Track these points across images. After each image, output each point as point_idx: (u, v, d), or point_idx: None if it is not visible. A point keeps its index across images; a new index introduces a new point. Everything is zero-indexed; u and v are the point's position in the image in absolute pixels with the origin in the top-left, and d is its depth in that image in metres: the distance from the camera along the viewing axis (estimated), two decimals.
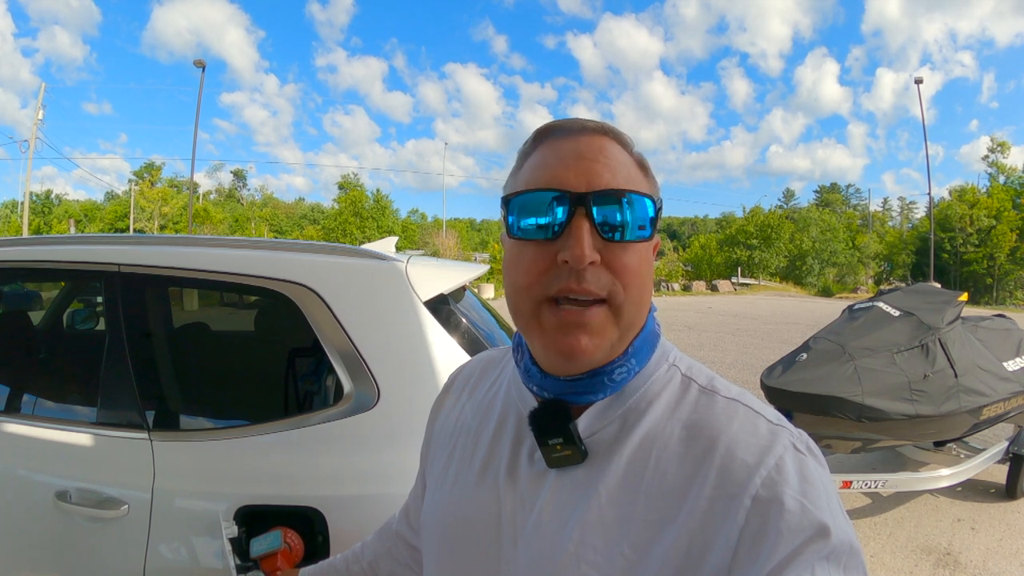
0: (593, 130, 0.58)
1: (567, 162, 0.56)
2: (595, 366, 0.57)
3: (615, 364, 0.58)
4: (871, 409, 3.13)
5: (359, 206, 43.09)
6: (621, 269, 0.54)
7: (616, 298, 0.54)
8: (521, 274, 0.56)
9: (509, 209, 0.57)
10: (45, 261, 1.75)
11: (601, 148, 0.57)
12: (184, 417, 1.66)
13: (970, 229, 35.90)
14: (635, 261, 0.55)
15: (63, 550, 1.48)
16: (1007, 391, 3.56)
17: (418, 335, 1.48)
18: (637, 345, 0.59)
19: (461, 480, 0.67)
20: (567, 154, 0.56)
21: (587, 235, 0.53)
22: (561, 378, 0.58)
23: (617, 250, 0.54)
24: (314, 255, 1.59)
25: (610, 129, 0.59)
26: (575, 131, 0.58)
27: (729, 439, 0.53)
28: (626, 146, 0.59)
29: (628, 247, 0.55)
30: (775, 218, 41.97)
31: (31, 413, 1.76)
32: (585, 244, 0.52)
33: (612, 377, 0.58)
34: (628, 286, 0.55)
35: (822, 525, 0.47)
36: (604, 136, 0.58)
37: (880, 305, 3.81)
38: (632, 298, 0.55)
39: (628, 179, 0.56)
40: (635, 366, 0.59)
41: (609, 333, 0.55)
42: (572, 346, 0.54)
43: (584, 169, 0.55)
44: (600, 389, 0.58)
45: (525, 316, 0.57)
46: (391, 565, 0.88)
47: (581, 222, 0.53)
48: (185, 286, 2.05)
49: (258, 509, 1.36)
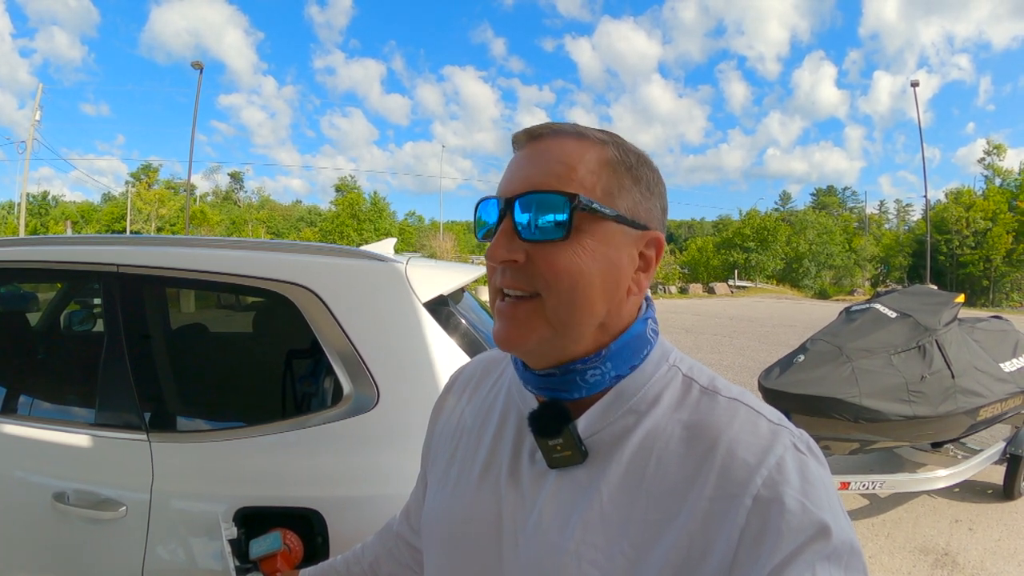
0: (541, 135, 0.60)
1: (510, 170, 0.61)
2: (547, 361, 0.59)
3: (587, 365, 0.58)
4: (869, 410, 3.14)
5: (356, 208, 43.13)
6: (545, 268, 0.56)
7: (544, 295, 0.56)
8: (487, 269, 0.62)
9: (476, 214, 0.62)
10: (43, 261, 1.74)
11: (545, 150, 0.58)
12: (183, 418, 1.65)
13: (966, 231, 36.04)
14: (563, 261, 0.55)
15: (61, 552, 1.48)
16: (1004, 392, 3.57)
17: (418, 336, 1.49)
18: (614, 349, 0.59)
19: (463, 481, 0.67)
20: (513, 163, 0.61)
21: (503, 236, 0.57)
22: (536, 373, 0.60)
23: (539, 250, 0.56)
24: (313, 256, 1.59)
25: (569, 128, 0.60)
26: (529, 139, 0.61)
27: (730, 439, 0.53)
28: (590, 141, 0.59)
29: (547, 246, 0.56)
30: (772, 221, 42.10)
31: (29, 414, 1.75)
32: (497, 244, 0.57)
33: (584, 378, 0.58)
34: (552, 284, 0.56)
35: (823, 525, 0.47)
36: (557, 137, 0.59)
37: (877, 307, 3.82)
38: (559, 297, 0.56)
39: (562, 179, 0.56)
40: (610, 370, 0.59)
41: (536, 327, 0.57)
42: (500, 332, 0.59)
43: (519, 175, 0.58)
44: (575, 388, 0.59)
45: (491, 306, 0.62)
46: (392, 566, 0.88)
47: (504, 225, 0.57)
48: (184, 287, 2.04)
49: (257, 510, 1.36)
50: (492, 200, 0.60)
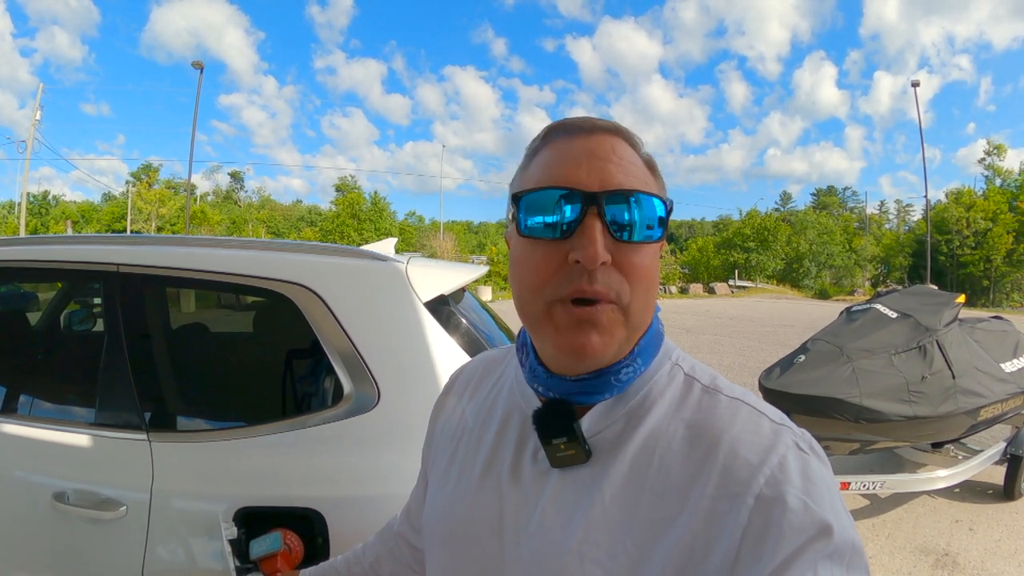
0: (604, 129, 0.58)
1: (579, 160, 0.55)
2: (603, 366, 0.57)
3: (622, 364, 0.58)
4: (869, 410, 3.14)
5: (356, 208, 43.10)
6: (630, 270, 0.54)
7: (623, 298, 0.54)
8: (530, 273, 0.56)
9: (519, 206, 0.56)
10: (44, 261, 1.74)
11: (612, 147, 0.56)
12: (183, 418, 1.65)
13: (966, 232, 36.00)
14: (644, 262, 0.55)
15: (60, 552, 1.48)
16: (1004, 392, 3.57)
17: (418, 336, 1.48)
18: (643, 345, 0.59)
19: (464, 480, 0.67)
20: (579, 152, 0.56)
21: (599, 235, 0.52)
22: (568, 378, 0.58)
23: (627, 250, 0.54)
24: (314, 256, 1.59)
25: (621, 129, 0.59)
26: (586, 129, 0.57)
27: (732, 438, 0.53)
28: (635, 146, 0.59)
29: (637, 247, 0.55)
30: (772, 221, 42.06)
31: (29, 414, 1.75)
32: (598, 244, 0.52)
33: (619, 377, 0.58)
34: (636, 287, 0.55)
35: (825, 524, 0.47)
36: (615, 135, 0.58)
37: (878, 307, 3.82)
38: (640, 299, 0.55)
39: (638, 179, 0.56)
40: (640, 366, 0.59)
41: (618, 333, 0.55)
42: (584, 344, 0.54)
43: (596, 168, 0.55)
44: (606, 389, 0.58)
45: (534, 316, 0.57)
46: (393, 565, 0.88)
47: (593, 221, 0.53)
48: (185, 286, 2.04)
49: (258, 511, 1.36)
50: (558, 192, 0.54)
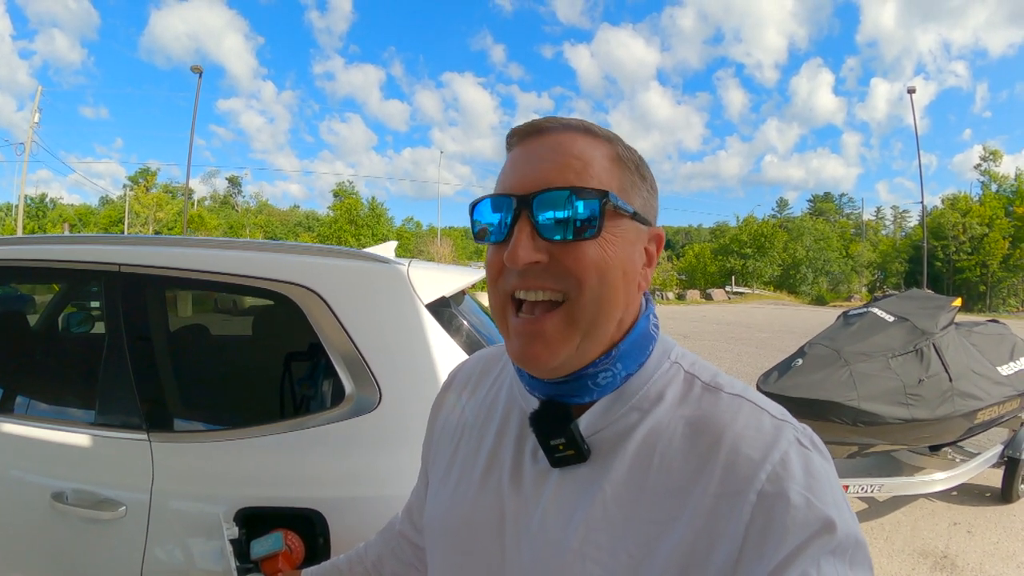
0: (550, 129, 0.58)
1: (517, 165, 0.57)
2: (566, 370, 0.57)
3: (598, 368, 0.57)
4: (867, 413, 3.14)
5: (354, 214, 43.11)
6: (573, 265, 0.54)
7: (570, 295, 0.54)
8: (488, 274, 0.59)
9: (472, 215, 0.60)
10: (44, 260, 1.74)
11: (557, 145, 0.56)
12: (184, 419, 1.64)
13: (963, 237, 36.18)
14: (591, 255, 0.54)
15: (59, 552, 1.47)
16: (1001, 395, 3.59)
17: (420, 337, 1.49)
18: (623, 349, 0.58)
19: (464, 480, 0.67)
20: (519, 158, 0.58)
21: (525, 237, 0.54)
22: (545, 381, 0.59)
23: (565, 249, 0.54)
24: (316, 257, 1.59)
25: (574, 123, 0.58)
26: (539, 131, 0.58)
27: (733, 435, 0.53)
28: (601, 139, 0.58)
29: (580, 244, 0.54)
30: (769, 227, 42.16)
31: (27, 413, 1.74)
32: (520, 246, 0.53)
33: (596, 381, 0.58)
34: (582, 282, 0.54)
35: (827, 520, 0.47)
36: (565, 132, 0.57)
37: (875, 311, 3.84)
38: (589, 296, 0.54)
39: (581, 175, 0.55)
40: (621, 371, 0.58)
41: (568, 338, 0.55)
42: (530, 356, 0.56)
43: (531, 171, 0.56)
44: (585, 392, 0.58)
45: (497, 315, 0.59)
46: (395, 565, 0.88)
47: (522, 225, 0.54)
48: (187, 287, 2.04)
49: (258, 511, 1.35)
50: (496, 199, 0.57)
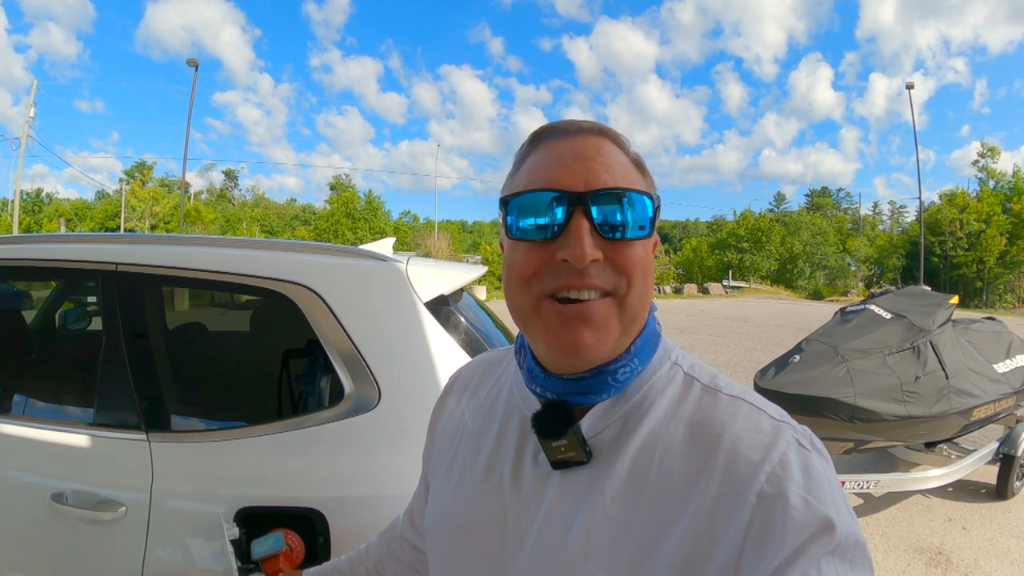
0: (589, 130, 0.59)
1: (565, 162, 0.56)
2: (599, 363, 0.57)
3: (618, 363, 0.58)
4: (863, 410, 3.16)
5: (351, 207, 42.96)
6: (624, 263, 0.55)
7: (619, 291, 0.55)
8: (518, 271, 0.57)
9: (508, 210, 0.58)
10: (41, 259, 1.73)
11: (598, 148, 0.57)
12: (183, 418, 1.64)
13: (960, 233, 36.21)
14: (637, 255, 0.56)
15: (59, 553, 1.47)
16: (997, 393, 3.61)
17: (419, 336, 1.48)
18: (640, 345, 0.59)
19: (465, 483, 0.67)
20: (565, 154, 0.57)
21: (587, 234, 0.53)
22: (564, 378, 0.58)
23: (618, 247, 0.55)
24: (315, 255, 1.58)
25: (606, 130, 0.60)
26: (571, 132, 0.59)
27: (733, 436, 0.53)
28: (622, 146, 0.60)
29: (629, 244, 0.56)
30: (766, 221, 42.20)
31: (25, 414, 1.74)
32: (585, 243, 0.53)
33: (616, 377, 0.58)
34: (632, 280, 0.55)
35: (827, 520, 0.47)
36: (600, 136, 0.59)
37: (872, 308, 3.85)
38: (635, 292, 0.56)
39: (626, 178, 0.57)
40: (638, 366, 0.59)
41: (612, 327, 0.55)
42: (575, 341, 0.54)
43: (582, 169, 0.56)
44: (604, 389, 0.58)
45: (525, 313, 0.57)
46: (396, 567, 0.88)
47: (580, 221, 0.54)
48: (184, 286, 2.03)
49: (259, 511, 1.36)
50: (543, 194, 0.56)
